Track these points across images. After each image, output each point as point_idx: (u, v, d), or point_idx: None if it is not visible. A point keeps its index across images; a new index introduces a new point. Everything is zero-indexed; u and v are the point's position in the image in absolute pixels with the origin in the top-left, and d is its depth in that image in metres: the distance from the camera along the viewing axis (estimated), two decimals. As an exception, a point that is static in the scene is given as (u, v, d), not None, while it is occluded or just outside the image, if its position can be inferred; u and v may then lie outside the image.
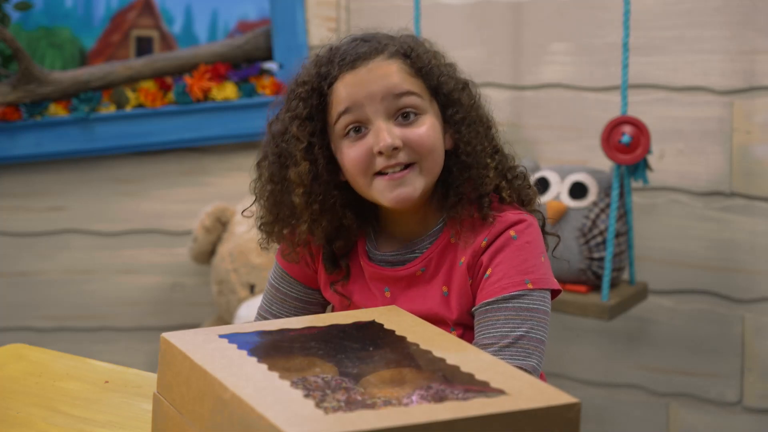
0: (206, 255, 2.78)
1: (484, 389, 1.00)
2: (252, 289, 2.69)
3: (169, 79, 2.84)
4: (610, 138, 2.26)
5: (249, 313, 2.61)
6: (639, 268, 2.48)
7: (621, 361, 2.60)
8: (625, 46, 2.22)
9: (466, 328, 1.38)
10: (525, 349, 1.31)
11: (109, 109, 2.82)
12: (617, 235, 2.30)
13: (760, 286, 2.40)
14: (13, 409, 1.38)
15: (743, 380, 2.44)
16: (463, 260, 1.38)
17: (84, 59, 2.89)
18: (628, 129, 2.25)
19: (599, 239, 2.31)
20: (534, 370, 1.31)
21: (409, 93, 1.37)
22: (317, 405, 0.96)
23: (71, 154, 2.85)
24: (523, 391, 0.98)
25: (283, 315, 1.50)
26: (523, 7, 2.63)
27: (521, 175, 1.43)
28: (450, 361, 1.08)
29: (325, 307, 1.52)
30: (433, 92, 1.40)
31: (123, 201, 2.91)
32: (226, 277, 2.71)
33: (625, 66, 2.23)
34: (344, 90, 1.36)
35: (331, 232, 1.42)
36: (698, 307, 2.48)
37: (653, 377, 2.56)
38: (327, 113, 1.39)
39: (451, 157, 1.40)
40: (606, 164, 2.39)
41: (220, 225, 2.75)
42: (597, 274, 2.31)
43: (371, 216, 1.45)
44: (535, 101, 2.65)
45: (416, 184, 1.36)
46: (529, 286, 1.33)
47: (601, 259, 2.30)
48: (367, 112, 1.36)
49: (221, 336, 1.16)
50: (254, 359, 1.07)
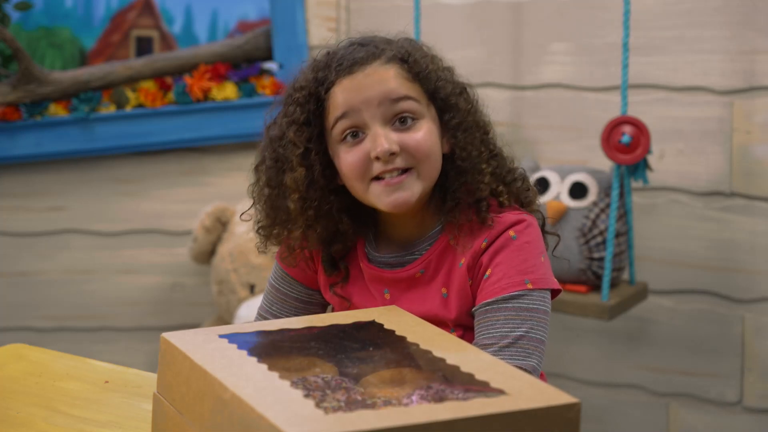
0: (206, 255, 2.78)
1: (484, 389, 1.00)
2: (252, 289, 2.69)
3: (169, 79, 2.84)
4: (610, 138, 2.26)
5: (249, 313, 2.61)
6: (639, 268, 2.48)
7: (621, 361, 2.60)
8: (625, 46, 2.22)
9: (466, 329, 1.38)
10: (525, 349, 1.31)
11: (109, 109, 2.82)
12: (617, 235, 2.30)
13: (760, 286, 2.40)
14: (13, 409, 1.38)
15: (743, 380, 2.44)
16: (462, 262, 1.38)
17: (84, 59, 2.89)
18: (628, 129, 2.25)
19: (599, 239, 2.31)
20: (534, 370, 1.31)
21: (406, 98, 1.36)
22: (317, 405, 0.96)
23: (71, 154, 2.85)
24: (523, 391, 0.98)
25: (283, 315, 1.50)
26: (523, 7, 2.63)
27: (520, 177, 1.43)
28: (450, 361, 1.08)
29: (325, 307, 1.51)
30: (430, 97, 1.39)
31: (123, 201, 2.91)
32: (226, 277, 2.71)
33: (625, 66, 2.23)
34: (341, 95, 1.36)
35: (327, 237, 1.42)
36: (698, 307, 2.48)
37: (653, 377, 2.55)
38: (324, 118, 1.39)
39: (448, 161, 1.40)
40: (606, 164, 2.39)
41: (220, 225, 2.75)
42: (597, 274, 2.31)
43: (369, 219, 1.45)
44: (535, 101, 2.65)
45: (413, 189, 1.36)
46: (529, 286, 1.33)
47: (601, 259, 2.30)
48: (364, 117, 1.35)
49: (221, 336, 1.16)
50: (254, 359, 1.07)
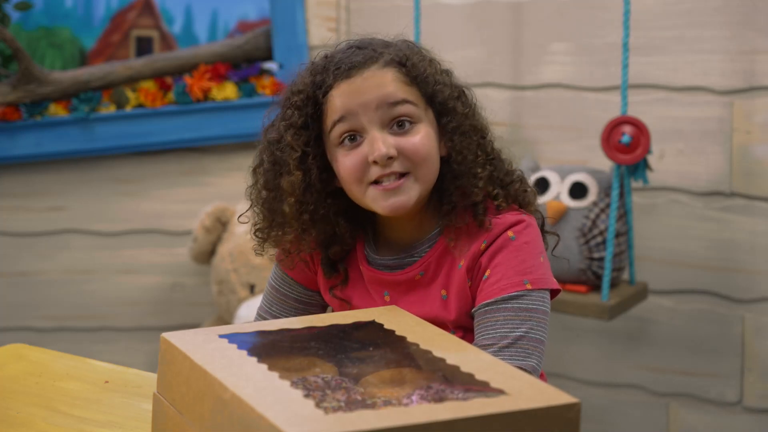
0: (206, 255, 2.78)
1: (484, 389, 1.00)
2: (252, 289, 2.69)
3: (169, 79, 2.84)
4: (610, 138, 2.26)
5: (249, 313, 2.61)
6: (639, 268, 2.48)
7: (621, 361, 2.60)
8: (625, 46, 2.22)
9: (465, 331, 1.38)
10: (524, 350, 1.31)
11: (109, 109, 2.82)
12: (617, 235, 2.30)
13: (760, 286, 2.40)
14: (13, 409, 1.38)
15: (743, 380, 2.44)
16: (462, 263, 1.37)
17: (84, 59, 2.89)
18: (628, 129, 2.25)
19: (599, 239, 2.31)
20: (534, 370, 1.31)
21: (404, 102, 1.36)
22: (317, 405, 0.96)
23: (71, 154, 2.85)
24: (523, 391, 0.98)
25: (282, 316, 1.49)
26: (523, 7, 2.63)
27: (518, 179, 1.42)
28: (450, 361, 1.08)
29: (325, 309, 1.51)
30: (428, 100, 1.39)
31: (123, 201, 2.91)
32: (226, 277, 2.71)
33: (625, 66, 2.23)
34: (339, 99, 1.36)
35: (324, 240, 1.42)
36: (698, 307, 2.48)
37: (653, 377, 2.55)
38: (322, 122, 1.38)
39: (445, 164, 1.40)
40: (606, 164, 2.39)
41: (220, 225, 2.75)
42: (597, 274, 2.31)
43: (367, 222, 1.45)
44: (535, 101, 2.65)
45: (410, 193, 1.36)
46: (528, 286, 1.33)
47: (601, 259, 2.30)
48: (362, 120, 1.35)
49: (221, 336, 1.16)
50: (254, 359, 1.07)
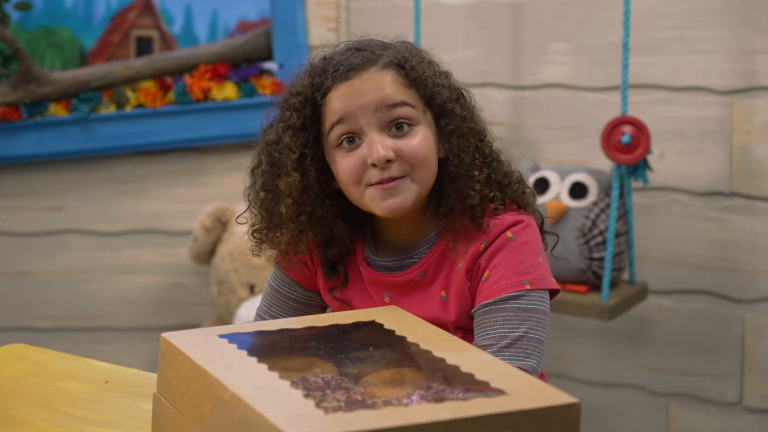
0: (206, 255, 2.78)
1: (484, 389, 1.00)
2: (252, 289, 2.69)
3: (169, 79, 2.84)
4: (610, 138, 2.26)
5: (249, 313, 2.61)
6: (639, 268, 2.48)
7: (621, 361, 2.60)
8: (625, 46, 2.22)
9: (465, 331, 1.38)
10: (524, 350, 1.31)
11: (109, 109, 2.82)
12: (617, 235, 2.30)
13: (760, 286, 2.40)
14: (13, 409, 1.38)
15: (743, 380, 2.44)
16: (461, 264, 1.37)
17: (84, 59, 2.89)
18: (628, 129, 2.25)
19: (599, 239, 2.31)
20: (533, 370, 1.31)
21: (402, 104, 1.36)
22: (317, 405, 0.96)
23: (71, 154, 2.85)
24: (523, 391, 0.98)
25: (282, 317, 1.49)
26: (523, 7, 2.63)
27: (516, 180, 1.42)
28: (450, 361, 1.08)
29: (324, 309, 1.51)
30: (426, 102, 1.39)
31: (123, 201, 2.91)
32: (226, 277, 2.71)
33: (625, 66, 2.23)
34: (338, 101, 1.36)
35: (322, 242, 1.42)
36: (698, 307, 2.48)
37: (653, 377, 2.55)
38: (320, 123, 1.38)
39: (443, 166, 1.40)
40: (606, 164, 2.39)
41: (220, 225, 2.75)
42: (597, 274, 2.31)
43: (366, 224, 1.45)
44: (535, 101, 2.65)
45: (408, 194, 1.35)
46: (527, 286, 1.33)
47: (601, 259, 2.30)
48: (360, 123, 1.35)
49: (221, 336, 1.16)
50: (254, 359, 1.07)
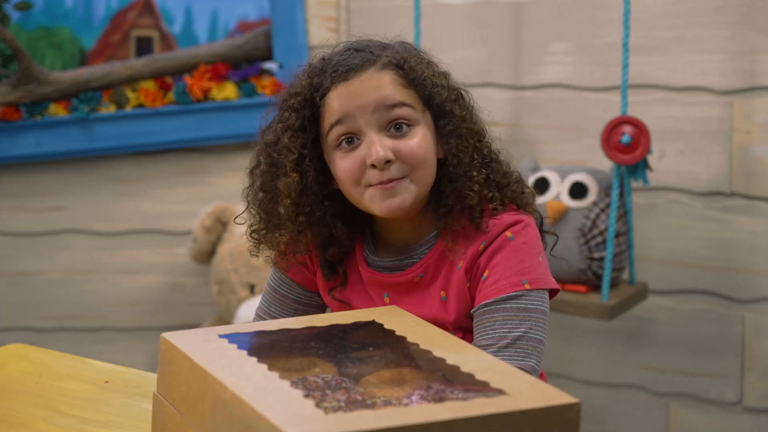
0: (206, 255, 2.78)
1: (484, 389, 1.00)
2: (252, 289, 2.69)
3: (169, 79, 2.84)
4: (610, 138, 2.26)
5: (249, 313, 2.61)
6: (639, 268, 2.48)
7: (621, 361, 2.60)
8: (625, 46, 2.22)
9: (465, 331, 1.38)
10: (524, 350, 1.31)
11: (109, 109, 2.82)
12: (617, 235, 2.30)
13: (760, 286, 2.40)
14: (13, 409, 1.38)
15: (743, 380, 2.44)
16: (461, 264, 1.37)
17: (84, 59, 2.89)
18: (628, 129, 2.25)
19: (599, 239, 2.31)
20: (533, 370, 1.31)
21: (401, 104, 1.36)
22: (317, 405, 0.96)
23: (71, 154, 2.85)
24: (523, 391, 0.98)
25: (281, 317, 1.49)
26: (523, 7, 2.63)
27: (515, 180, 1.42)
28: (450, 361, 1.08)
29: (324, 310, 1.51)
30: (425, 103, 1.39)
31: (123, 201, 2.91)
32: (226, 277, 2.71)
33: (625, 66, 2.23)
34: (336, 101, 1.36)
35: (321, 242, 1.42)
36: (698, 307, 2.48)
37: (653, 377, 2.55)
38: (319, 124, 1.38)
39: (441, 167, 1.40)
40: (606, 164, 2.39)
41: (220, 225, 2.75)
42: (597, 274, 2.31)
43: (365, 224, 1.45)
44: (535, 101, 2.65)
45: (407, 195, 1.35)
46: (527, 286, 1.33)
47: (601, 259, 2.30)
48: (359, 123, 1.35)
49: (221, 336, 1.16)
50: (254, 359, 1.07)
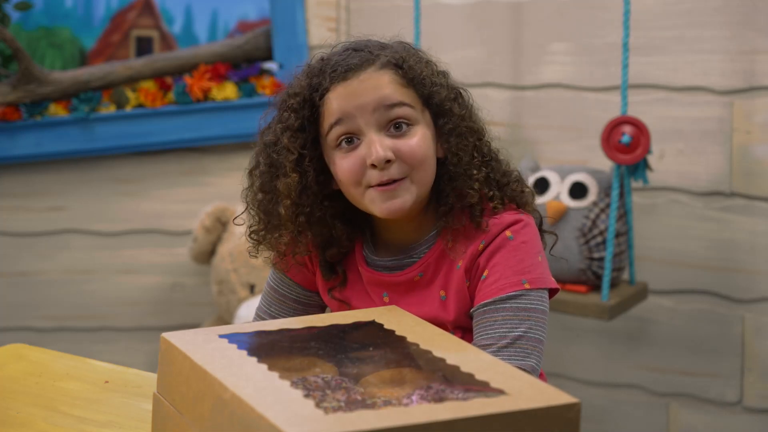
0: (206, 255, 2.78)
1: (484, 389, 1.00)
2: (252, 289, 2.69)
3: (169, 79, 2.84)
4: (610, 138, 2.26)
5: (249, 313, 2.61)
6: (639, 268, 2.48)
7: (621, 361, 2.60)
8: (625, 46, 2.22)
9: (465, 331, 1.38)
10: (524, 349, 1.31)
11: (109, 109, 2.82)
12: (617, 235, 2.30)
13: (760, 286, 2.40)
14: (13, 409, 1.38)
15: (743, 380, 2.44)
16: (460, 264, 1.38)
17: (84, 59, 2.89)
18: (628, 129, 2.25)
19: (599, 239, 2.31)
20: (533, 369, 1.31)
21: (400, 104, 1.36)
22: (317, 405, 0.96)
23: (71, 154, 2.85)
24: (523, 391, 0.98)
25: (281, 317, 1.49)
26: (523, 7, 2.63)
27: (515, 179, 1.42)
28: (450, 361, 1.08)
29: (323, 309, 1.51)
30: (425, 102, 1.39)
31: (123, 201, 2.91)
32: (226, 277, 2.71)
33: (625, 66, 2.23)
34: (336, 101, 1.36)
35: (320, 243, 1.42)
36: (698, 307, 2.48)
37: (653, 377, 2.55)
38: (319, 124, 1.38)
39: (441, 166, 1.40)
40: (606, 164, 2.39)
41: (220, 225, 2.75)
42: (597, 274, 2.31)
43: (365, 224, 1.45)
44: (535, 101, 2.65)
45: (407, 196, 1.35)
46: (527, 286, 1.33)
47: (601, 259, 2.30)
48: (359, 123, 1.35)
49: (221, 336, 1.16)
50: (254, 359, 1.07)
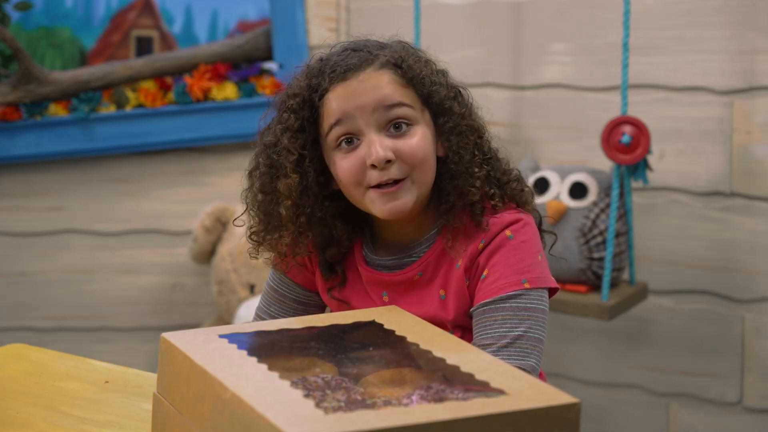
0: (206, 255, 2.78)
1: (484, 389, 1.00)
2: (252, 289, 2.69)
3: (169, 79, 2.84)
4: (610, 138, 2.26)
5: (249, 313, 2.61)
6: (639, 268, 2.48)
7: (621, 361, 2.60)
8: (625, 46, 2.22)
9: (464, 330, 1.38)
10: (523, 349, 1.31)
11: (109, 109, 2.82)
12: (617, 235, 2.30)
13: (760, 286, 2.40)
14: (13, 409, 1.38)
15: (743, 380, 2.44)
16: (460, 263, 1.37)
17: (84, 59, 2.89)
18: (628, 129, 2.25)
19: (599, 239, 2.31)
20: (533, 369, 1.31)
21: (400, 104, 1.36)
22: (317, 405, 0.96)
23: (71, 154, 2.85)
24: (523, 391, 0.98)
25: (281, 317, 1.49)
26: (523, 7, 2.63)
27: (515, 178, 1.42)
28: (450, 361, 1.08)
29: (323, 309, 1.51)
30: (424, 101, 1.39)
31: (123, 201, 2.91)
32: (226, 277, 2.71)
33: (625, 66, 2.23)
34: (335, 102, 1.36)
35: (321, 243, 1.42)
36: (698, 307, 2.48)
37: (653, 377, 2.55)
38: (318, 125, 1.38)
39: (442, 165, 1.40)
40: (606, 164, 2.39)
41: (220, 225, 2.75)
42: (597, 274, 2.31)
43: (365, 224, 1.45)
44: (535, 101, 2.65)
45: (408, 197, 1.35)
46: (526, 285, 1.33)
47: (601, 259, 2.30)
48: (358, 123, 1.35)
49: (221, 336, 1.16)
50: (254, 359, 1.07)
